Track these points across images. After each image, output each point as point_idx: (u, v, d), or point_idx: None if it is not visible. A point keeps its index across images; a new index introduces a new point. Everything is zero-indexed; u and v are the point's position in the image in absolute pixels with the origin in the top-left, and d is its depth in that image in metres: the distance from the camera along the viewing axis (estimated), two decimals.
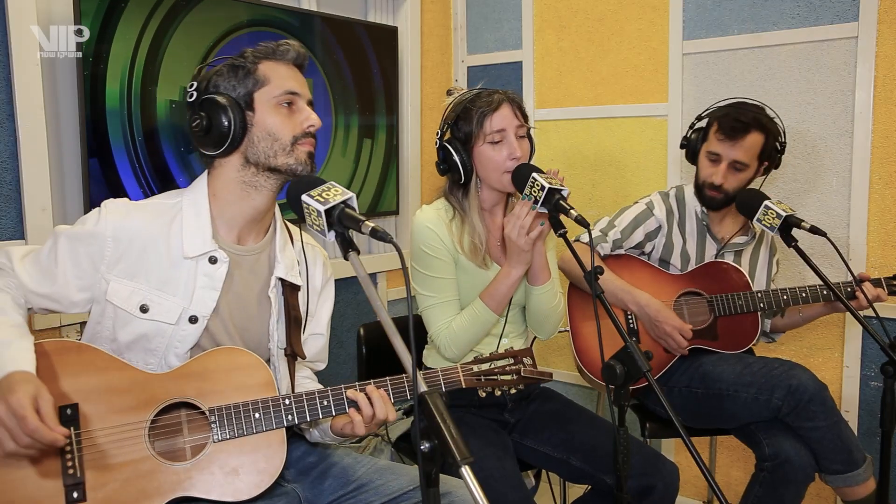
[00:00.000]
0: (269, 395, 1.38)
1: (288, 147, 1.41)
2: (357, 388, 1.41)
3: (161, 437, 1.34)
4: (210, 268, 1.40)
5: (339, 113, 2.58)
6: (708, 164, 2.10)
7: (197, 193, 1.43)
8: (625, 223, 2.19)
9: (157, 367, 1.38)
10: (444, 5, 3.10)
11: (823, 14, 2.35)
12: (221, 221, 1.44)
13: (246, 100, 1.39)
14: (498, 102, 1.76)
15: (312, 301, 1.58)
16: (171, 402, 1.34)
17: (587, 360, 2.13)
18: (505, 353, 1.58)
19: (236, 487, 1.32)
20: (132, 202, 1.42)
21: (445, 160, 1.81)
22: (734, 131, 2.03)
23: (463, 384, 1.52)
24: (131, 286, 1.36)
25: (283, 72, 1.41)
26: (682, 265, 2.18)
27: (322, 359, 1.66)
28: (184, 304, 1.38)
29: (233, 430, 1.34)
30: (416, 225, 1.82)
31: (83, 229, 1.37)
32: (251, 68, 1.39)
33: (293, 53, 1.43)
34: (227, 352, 1.40)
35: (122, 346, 1.37)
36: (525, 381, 1.58)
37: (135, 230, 1.37)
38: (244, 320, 1.46)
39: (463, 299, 1.84)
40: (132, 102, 1.98)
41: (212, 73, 1.41)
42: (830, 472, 1.94)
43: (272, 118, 1.39)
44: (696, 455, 1.18)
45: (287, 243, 1.54)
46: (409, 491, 1.43)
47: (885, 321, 2.26)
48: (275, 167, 1.41)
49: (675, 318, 2.05)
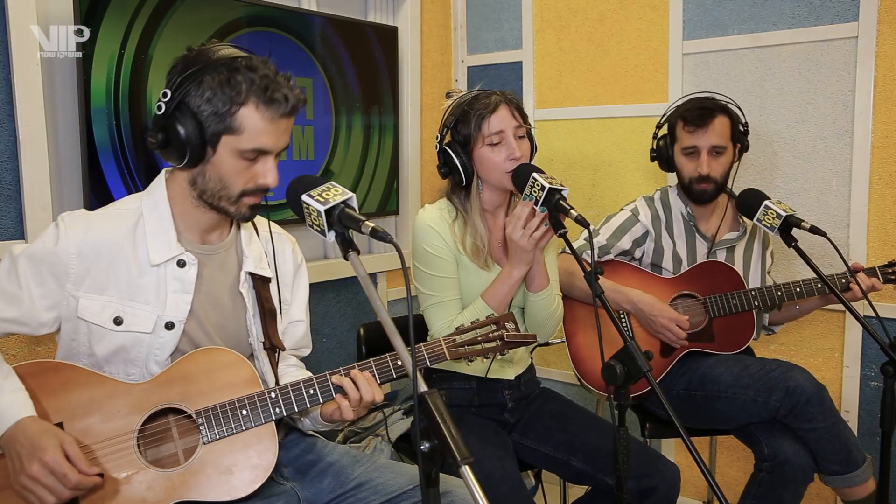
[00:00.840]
0: (254, 390, 1.38)
1: (234, 198, 1.35)
2: (342, 373, 1.41)
3: (151, 446, 1.33)
4: (179, 271, 1.38)
5: (339, 113, 2.58)
6: (688, 161, 2.12)
7: (156, 197, 1.40)
8: (610, 231, 2.20)
9: (139, 377, 1.36)
10: (444, 5, 3.10)
11: (823, 14, 2.35)
12: (183, 224, 1.41)
13: (213, 137, 1.30)
14: (495, 104, 1.77)
15: (286, 289, 1.56)
16: (157, 410, 1.33)
17: (585, 369, 2.13)
18: (486, 321, 1.57)
19: (232, 486, 1.32)
20: (90, 213, 1.39)
21: (446, 163, 1.83)
22: (702, 118, 2.06)
23: (448, 356, 1.51)
24: (102, 300, 1.33)
25: (262, 126, 1.30)
26: (674, 268, 2.18)
27: (305, 345, 1.65)
28: (158, 312, 1.36)
29: (222, 429, 1.34)
30: (418, 224, 1.83)
31: (44, 248, 1.32)
32: (233, 109, 1.28)
33: (286, 108, 1.31)
34: (208, 352, 1.39)
35: (101, 360, 1.35)
36: (509, 346, 1.57)
37: (98, 242, 1.34)
38: (220, 319, 1.45)
39: (465, 299, 1.84)
40: (119, 100, 1.94)
41: (192, 78, 1.28)
42: (829, 472, 1.94)
43: (228, 166, 1.32)
44: (696, 455, 1.18)
45: (252, 235, 1.52)
46: (409, 490, 1.43)
47: (885, 321, 2.26)
48: (214, 207, 1.38)
49: (670, 310, 2.05)
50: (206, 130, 1.29)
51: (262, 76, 1.29)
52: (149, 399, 1.33)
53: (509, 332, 1.57)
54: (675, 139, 2.15)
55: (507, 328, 1.57)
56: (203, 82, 1.28)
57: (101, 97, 1.91)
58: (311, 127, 2.49)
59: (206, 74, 1.28)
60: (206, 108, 1.28)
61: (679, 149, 2.13)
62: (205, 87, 1.28)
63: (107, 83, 1.92)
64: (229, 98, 1.27)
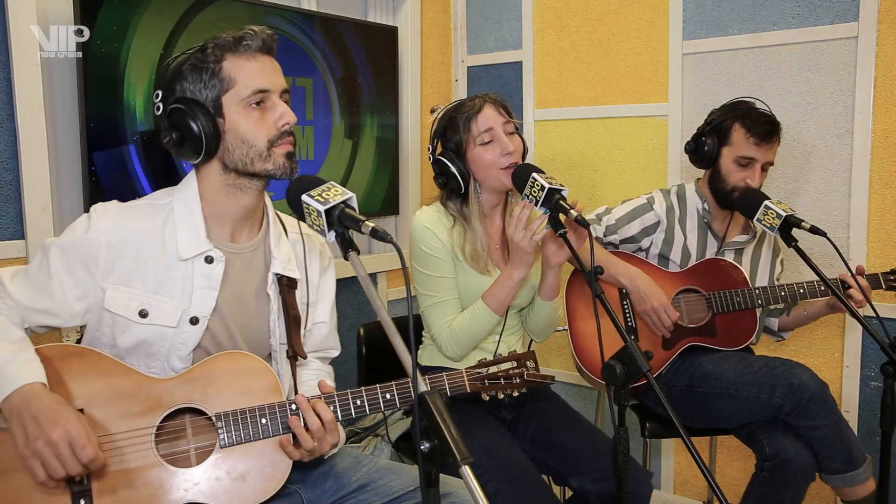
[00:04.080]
0: (275, 399, 1.37)
1: (264, 152, 1.35)
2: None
3: (164, 442, 1.33)
4: (207, 267, 1.38)
5: (339, 113, 2.58)
6: (738, 169, 2.07)
7: (187, 192, 1.41)
8: (622, 213, 2.19)
9: (160, 371, 1.37)
10: (444, 5, 3.10)
11: (823, 14, 2.35)
12: (213, 220, 1.41)
13: (215, 105, 1.32)
14: (480, 104, 1.80)
15: (312, 290, 1.56)
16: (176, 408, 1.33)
17: (586, 358, 2.13)
18: (508, 357, 1.58)
19: (244, 493, 1.31)
20: (122, 204, 1.39)
21: (442, 173, 1.84)
22: (769, 134, 2.04)
23: (468, 389, 1.52)
24: (128, 292, 1.34)
25: (250, 68, 1.33)
26: (682, 261, 2.18)
27: (330, 346, 1.64)
28: (183, 306, 1.36)
29: (240, 435, 1.33)
30: (415, 225, 1.83)
31: (74, 238, 1.34)
32: (215, 68, 1.31)
33: (258, 42, 1.34)
34: (233, 356, 1.38)
35: (123, 352, 1.36)
36: (528, 385, 1.58)
37: (128, 234, 1.34)
38: (244, 318, 1.45)
39: (464, 300, 1.84)
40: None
41: (174, 74, 1.34)
42: (830, 471, 1.94)
43: (244, 123, 1.34)
44: (696, 455, 1.18)
45: (281, 236, 1.52)
46: (410, 491, 1.43)
47: (885, 321, 2.26)
48: (253, 173, 1.38)
49: (662, 295, 2.05)
50: (206, 104, 1.32)
51: (225, 36, 1.34)
52: (170, 396, 1.32)
53: (529, 370, 1.58)
54: (729, 143, 2.08)
55: (527, 367, 1.59)
56: (181, 70, 1.33)
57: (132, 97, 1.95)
58: (311, 127, 2.49)
59: (180, 65, 1.34)
60: (194, 85, 1.33)
61: (733, 155, 2.07)
62: (184, 72, 1.33)
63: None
64: (207, 62, 1.32)
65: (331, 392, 1.39)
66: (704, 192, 2.19)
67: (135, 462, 1.27)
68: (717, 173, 2.12)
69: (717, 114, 2.15)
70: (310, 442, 1.32)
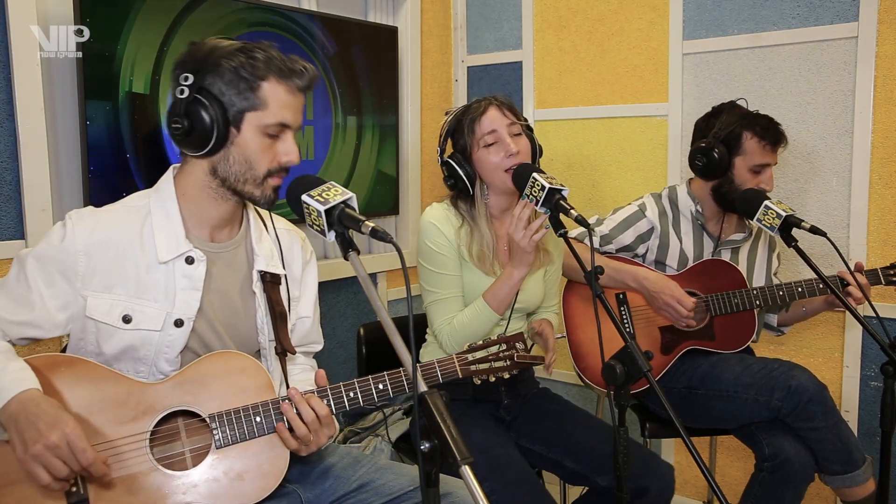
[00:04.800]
0: (268, 397, 1.37)
1: (259, 179, 1.36)
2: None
3: (159, 446, 1.33)
4: (188, 268, 1.37)
5: (340, 113, 2.58)
6: (752, 177, 2.06)
7: (164, 194, 1.39)
8: (614, 223, 2.19)
9: (148, 375, 1.36)
10: (444, 5, 3.10)
11: (823, 14, 2.35)
12: (192, 220, 1.40)
13: (237, 116, 1.32)
14: (484, 107, 1.82)
15: (294, 285, 1.55)
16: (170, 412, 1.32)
17: (585, 365, 2.13)
18: (497, 340, 1.58)
19: (244, 492, 1.31)
20: (97, 210, 1.38)
21: (451, 175, 1.86)
22: (778, 141, 2.05)
23: (460, 374, 1.52)
24: (110, 298, 1.33)
25: (286, 99, 1.34)
26: (678, 266, 2.18)
27: (314, 340, 1.64)
28: (167, 309, 1.35)
29: (235, 435, 1.33)
30: (422, 221, 1.86)
31: (50, 247, 1.32)
32: (254, 84, 1.30)
33: (305, 82, 1.35)
34: (223, 356, 1.38)
35: (110, 359, 1.35)
36: (519, 366, 1.58)
37: (105, 239, 1.33)
38: (230, 317, 1.44)
39: (469, 299, 1.85)
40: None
41: (213, 67, 1.30)
42: (830, 472, 1.94)
43: (254, 145, 1.33)
44: (696, 455, 1.18)
45: (262, 233, 1.51)
46: (410, 491, 1.43)
47: (885, 321, 2.26)
48: (239, 192, 1.38)
49: (675, 287, 2.04)
50: (229, 111, 1.31)
51: (277, 54, 1.34)
52: (163, 400, 1.32)
53: (519, 352, 1.58)
54: (742, 152, 2.05)
55: (516, 348, 1.59)
56: (221, 66, 1.30)
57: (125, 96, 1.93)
58: (311, 127, 2.49)
59: (222, 59, 1.30)
60: (228, 89, 1.30)
61: (748, 164, 2.04)
62: (223, 69, 1.30)
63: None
64: (251, 75, 1.30)
65: (324, 386, 1.39)
66: (698, 194, 2.18)
67: (131, 468, 1.27)
68: (730, 182, 2.08)
69: (718, 124, 2.07)
70: (303, 428, 1.32)
